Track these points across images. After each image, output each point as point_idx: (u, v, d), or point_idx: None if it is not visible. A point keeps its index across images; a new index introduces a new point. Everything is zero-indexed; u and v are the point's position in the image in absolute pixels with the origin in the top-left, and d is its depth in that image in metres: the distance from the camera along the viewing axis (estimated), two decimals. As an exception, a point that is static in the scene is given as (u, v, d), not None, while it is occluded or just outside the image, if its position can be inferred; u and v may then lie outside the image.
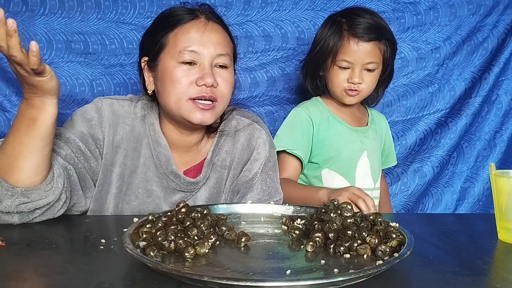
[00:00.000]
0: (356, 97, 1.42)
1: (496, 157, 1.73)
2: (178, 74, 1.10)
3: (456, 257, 0.85)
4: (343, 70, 1.38)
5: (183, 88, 1.10)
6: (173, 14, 1.16)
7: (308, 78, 1.49)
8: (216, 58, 1.13)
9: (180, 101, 1.11)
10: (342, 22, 1.39)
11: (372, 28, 1.36)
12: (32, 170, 0.96)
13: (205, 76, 1.09)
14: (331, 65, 1.39)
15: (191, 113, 1.11)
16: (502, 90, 1.71)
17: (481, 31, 1.70)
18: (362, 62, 1.36)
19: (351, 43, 1.36)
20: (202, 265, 0.75)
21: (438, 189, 1.74)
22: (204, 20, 1.14)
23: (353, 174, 1.45)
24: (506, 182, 0.97)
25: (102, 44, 1.55)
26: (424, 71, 1.70)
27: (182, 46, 1.10)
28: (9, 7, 1.51)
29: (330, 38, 1.39)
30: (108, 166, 1.15)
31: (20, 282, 0.69)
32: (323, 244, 0.84)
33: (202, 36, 1.12)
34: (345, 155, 1.44)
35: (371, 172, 1.48)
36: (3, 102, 1.54)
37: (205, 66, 1.11)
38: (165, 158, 1.17)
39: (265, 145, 1.25)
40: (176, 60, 1.11)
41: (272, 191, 1.23)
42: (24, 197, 0.96)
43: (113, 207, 1.15)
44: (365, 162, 1.47)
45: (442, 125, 1.72)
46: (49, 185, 0.99)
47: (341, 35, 1.37)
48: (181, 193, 1.19)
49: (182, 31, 1.12)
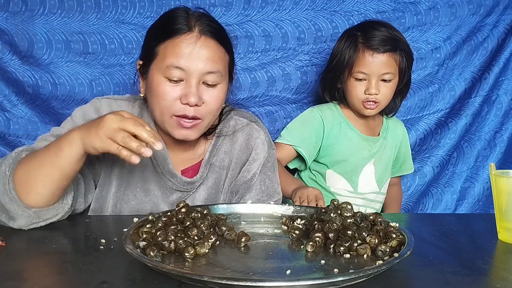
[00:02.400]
0: (375, 109, 1.44)
1: (496, 157, 1.73)
2: (162, 90, 1.08)
3: (456, 257, 0.85)
4: (359, 82, 1.41)
5: (167, 104, 1.08)
6: (170, 22, 1.11)
7: (326, 90, 1.52)
8: (204, 76, 1.09)
9: (164, 116, 1.10)
10: (357, 35, 1.42)
11: (387, 40, 1.39)
12: (47, 195, 0.96)
13: (189, 95, 1.07)
14: (348, 77, 1.42)
15: (174, 129, 1.11)
16: (502, 90, 1.71)
17: (481, 31, 1.70)
18: (378, 73, 1.39)
19: (366, 55, 1.39)
20: (202, 265, 0.75)
21: (438, 189, 1.74)
22: (196, 34, 1.09)
23: (356, 179, 1.49)
24: (506, 182, 0.97)
25: (102, 44, 1.55)
26: (424, 71, 1.70)
27: (170, 62, 1.07)
28: (9, 7, 1.51)
29: (345, 51, 1.42)
30: (109, 166, 1.15)
31: (20, 282, 0.69)
32: (323, 244, 0.84)
33: (191, 52, 1.07)
34: (351, 161, 1.48)
35: (376, 179, 1.51)
36: (3, 102, 1.54)
37: (191, 84, 1.08)
38: (162, 157, 1.17)
39: (263, 146, 1.25)
40: (163, 75, 1.08)
41: (271, 191, 1.23)
42: (37, 218, 0.96)
43: (112, 206, 1.16)
44: (370, 169, 1.50)
45: (442, 125, 1.72)
46: (60, 203, 1.00)
47: (356, 47, 1.41)
48: (178, 192, 1.19)
49: (172, 45, 1.08)
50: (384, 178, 1.54)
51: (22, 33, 1.52)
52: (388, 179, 1.56)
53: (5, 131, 1.55)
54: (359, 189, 1.49)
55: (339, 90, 1.49)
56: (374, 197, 1.53)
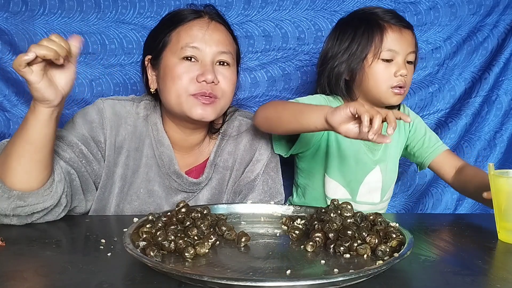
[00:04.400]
0: (402, 95, 1.26)
1: (496, 157, 1.72)
2: (179, 70, 1.11)
3: (456, 257, 0.85)
4: (387, 64, 1.23)
5: (183, 84, 1.10)
6: (178, 13, 1.17)
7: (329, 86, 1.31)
8: (217, 56, 1.13)
9: (181, 97, 1.11)
10: (373, 15, 1.26)
11: (402, 17, 1.28)
12: (23, 174, 0.94)
13: (205, 72, 1.10)
14: (374, 60, 1.23)
15: (192, 108, 1.11)
16: (502, 90, 1.70)
17: (481, 31, 1.70)
18: (406, 51, 1.24)
19: (394, 32, 1.23)
20: (202, 265, 0.75)
21: (438, 189, 1.74)
22: (207, 20, 1.15)
23: (357, 188, 1.34)
24: (506, 182, 0.96)
25: (102, 44, 1.55)
26: (425, 71, 1.70)
27: (184, 43, 1.11)
28: (9, 7, 1.51)
29: (365, 33, 1.24)
30: (111, 167, 1.15)
31: (20, 282, 0.69)
32: (323, 244, 0.84)
33: (204, 34, 1.12)
34: (352, 164, 1.31)
35: (382, 186, 1.36)
36: (3, 102, 1.54)
37: (206, 63, 1.12)
38: (168, 158, 1.17)
39: (267, 146, 1.26)
40: (178, 57, 1.11)
41: (273, 192, 1.24)
42: (20, 200, 0.95)
43: (114, 207, 1.15)
44: (376, 177, 1.35)
45: (442, 125, 1.72)
46: (47, 190, 0.98)
47: (379, 26, 1.24)
48: (183, 193, 1.19)
49: (184, 28, 1.13)
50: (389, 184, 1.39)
51: (22, 33, 1.52)
52: (392, 185, 1.42)
53: (5, 131, 1.55)
54: (358, 199, 1.35)
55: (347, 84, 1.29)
56: (369, 209, 1.35)
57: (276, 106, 1.16)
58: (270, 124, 1.15)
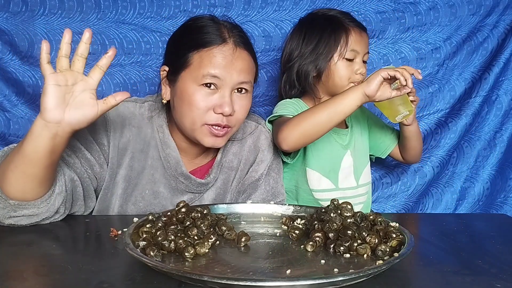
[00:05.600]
0: None
1: (496, 157, 1.72)
2: (197, 98, 1.08)
3: (456, 257, 0.86)
4: (349, 63, 1.35)
5: (200, 113, 1.09)
6: (201, 31, 1.11)
7: (294, 88, 1.41)
8: (237, 85, 1.11)
9: (195, 124, 1.10)
10: (336, 17, 1.37)
11: (358, 21, 1.39)
12: (17, 185, 0.93)
13: (223, 105, 1.08)
14: (338, 59, 1.34)
15: (204, 137, 1.11)
16: (502, 90, 1.70)
17: (481, 31, 1.70)
18: (364, 52, 1.36)
19: (357, 33, 1.35)
20: (202, 265, 0.75)
21: (438, 189, 1.74)
22: (232, 47, 1.10)
23: (336, 176, 1.41)
24: None
25: (102, 44, 1.55)
26: (424, 71, 1.70)
27: (206, 71, 1.07)
28: (9, 7, 1.51)
29: (332, 35, 1.34)
30: (114, 169, 1.14)
31: (20, 282, 0.69)
32: (323, 244, 0.84)
33: (228, 64, 1.09)
34: (327, 152, 1.40)
35: (354, 170, 1.44)
36: (3, 102, 1.54)
37: (225, 94, 1.09)
38: (174, 160, 1.17)
39: (270, 147, 1.28)
40: (197, 83, 1.08)
41: (275, 191, 1.26)
42: (13, 211, 0.94)
43: (118, 208, 1.15)
44: (349, 161, 1.43)
45: (442, 125, 1.72)
46: (44, 202, 0.97)
47: (345, 26, 1.35)
48: (190, 194, 1.19)
49: (208, 55, 1.09)
50: (361, 168, 1.47)
51: (23, 33, 1.52)
52: (365, 169, 1.49)
53: (5, 131, 1.55)
54: (340, 185, 1.42)
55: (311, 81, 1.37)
56: (352, 193, 1.43)
57: (304, 119, 1.19)
58: (310, 135, 1.19)
